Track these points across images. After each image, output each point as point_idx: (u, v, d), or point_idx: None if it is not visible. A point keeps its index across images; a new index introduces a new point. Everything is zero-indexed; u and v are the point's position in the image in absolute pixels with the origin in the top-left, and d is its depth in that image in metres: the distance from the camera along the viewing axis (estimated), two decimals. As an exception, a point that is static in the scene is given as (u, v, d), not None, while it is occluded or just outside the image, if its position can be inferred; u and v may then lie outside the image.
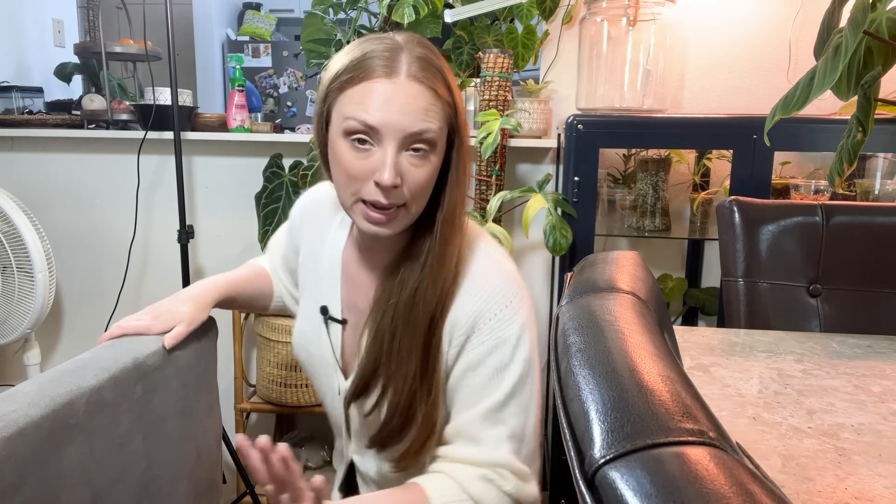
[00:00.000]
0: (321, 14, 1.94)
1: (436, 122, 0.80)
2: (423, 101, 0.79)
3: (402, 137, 0.78)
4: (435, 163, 0.82)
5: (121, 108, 2.17)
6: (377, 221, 0.81)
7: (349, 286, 0.96)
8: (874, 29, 0.90)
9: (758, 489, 0.25)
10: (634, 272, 0.55)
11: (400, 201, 0.81)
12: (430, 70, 0.81)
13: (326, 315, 0.96)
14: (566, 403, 0.36)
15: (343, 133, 0.80)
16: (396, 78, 0.79)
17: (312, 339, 0.99)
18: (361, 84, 0.79)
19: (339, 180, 0.84)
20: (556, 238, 1.63)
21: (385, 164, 0.78)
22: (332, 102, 0.82)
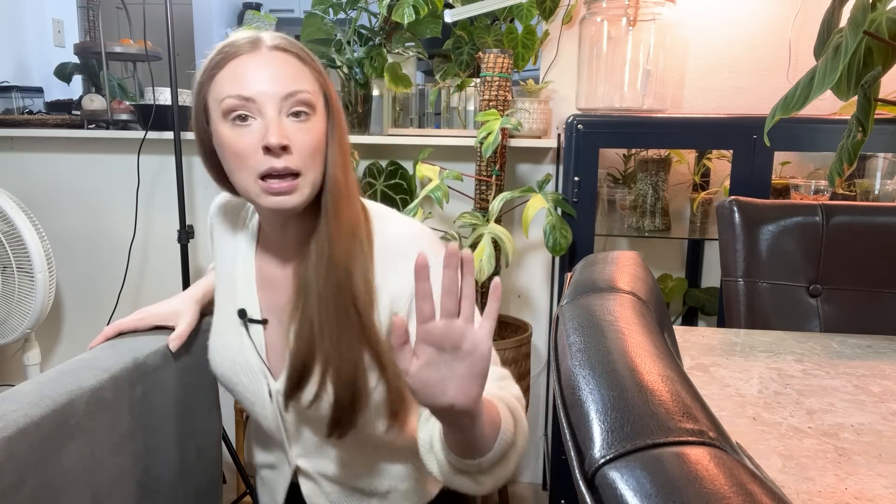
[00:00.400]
0: (321, 14, 1.94)
1: (308, 84, 0.82)
2: (291, 66, 0.82)
3: (278, 101, 0.80)
4: (318, 126, 0.83)
5: (121, 108, 2.17)
6: (279, 191, 0.80)
7: (266, 287, 0.94)
8: (874, 29, 0.90)
9: (758, 489, 0.25)
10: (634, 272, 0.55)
11: (293, 166, 0.80)
12: (290, 43, 0.84)
13: (245, 318, 0.93)
14: (566, 403, 0.36)
15: (222, 115, 0.81)
16: (259, 51, 0.81)
17: (233, 347, 0.94)
18: (228, 65, 0.81)
19: (232, 167, 0.83)
20: (556, 238, 1.63)
21: (268, 127, 0.78)
22: (206, 93, 0.83)
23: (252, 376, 0.93)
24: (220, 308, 0.98)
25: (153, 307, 1.04)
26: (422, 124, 2.04)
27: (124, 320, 1.01)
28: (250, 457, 1.09)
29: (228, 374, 0.96)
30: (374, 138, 1.97)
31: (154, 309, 1.03)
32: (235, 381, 0.95)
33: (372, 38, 1.93)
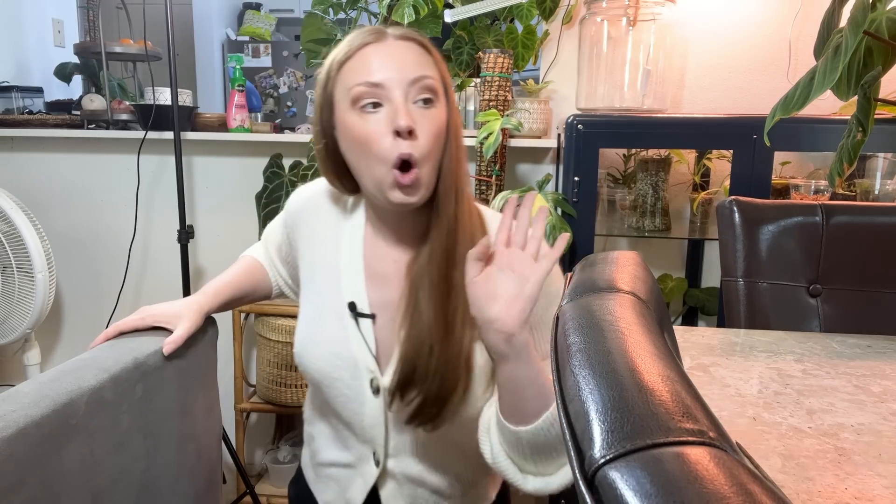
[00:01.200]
0: (321, 14, 1.94)
1: (432, 72, 0.85)
2: (415, 53, 0.85)
3: (405, 86, 0.82)
4: (441, 113, 0.85)
5: (121, 108, 2.17)
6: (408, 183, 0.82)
7: (375, 281, 0.94)
8: (874, 29, 0.90)
9: (758, 489, 0.25)
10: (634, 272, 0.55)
11: (417, 153, 0.81)
12: (414, 33, 0.87)
13: (355, 311, 0.92)
14: (566, 403, 0.36)
15: (351, 104, 0.83)
16: (386, 39, 0.85)
17: (336, 341, 0.92)
18: (356, 55, 0.84)
19: (358, 157, 0.85)
20: (556, 238, 1.63)
21: (398, 110, 0.81)
22: (333, 86, 0.86)
23: (356, 371, 0.92)
24: (315, 300, 0.96)
25: (154, 307, 1.04)
26: (422, 124, 2.04)
27: (124, 321, 1.01)
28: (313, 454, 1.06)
29: (327, 368, 0.93)
30: (374, 138, 1.97)
31: (154, 309, 1.03)
32: (335, 377, 0.93)
33: (372, 38, 1.93)
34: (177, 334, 0.99)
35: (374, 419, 0.94)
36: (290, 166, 1.94)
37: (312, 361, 0.95)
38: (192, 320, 1.02)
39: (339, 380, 0.93)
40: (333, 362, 0.93)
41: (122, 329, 1.00)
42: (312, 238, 1.00)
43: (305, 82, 4.38)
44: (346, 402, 0.94)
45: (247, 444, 2.23)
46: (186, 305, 1.04)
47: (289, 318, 1.90)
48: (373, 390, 0.92)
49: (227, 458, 1.90)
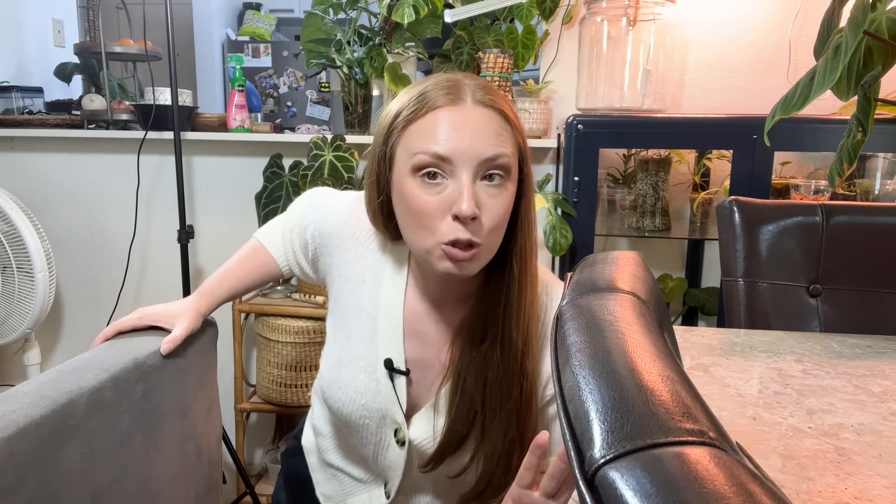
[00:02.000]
0: (321, 14, 1.94)
1: (509, 147, 0.77)
2: (494, 124, 0.76)
3: (476, 164, 0.74)
4: (511, 192, 0.78)
5: (121, 108, 2.17)
6: (459, 259, 0.75)
7: (413, 338, 0.90)
8: (874, 29, 0.90)
9: (758, 489, 0.25)
10: (634, 272, 0.55)
11: (478, 238, 0.75)
12: (495, 94, 0.78)
13: (391, 369, 0.88)
14: (566, 403, 0.36)
15: (412, 170, 0.76)
16: (463, 104, 0.76)
17: (367, 392, 0.90)
18: (427, 116, 0.76)
19: (410, 225, 0.79)
20: (556, 238, 1.63)
21: (463, 195, 0.73)
22: (396, 142, 0.79)
23: (382, 422, 0.90)
24: (346, 343, 0.92)
25: (152, 307, 1.04)
26: (422, 124, 2.04)
27: (122, 320, 1.01)
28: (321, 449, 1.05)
29: (353, 416, 0.91)
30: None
31: (152, 309, 1.03)
32: (360, 424, 0.91)
33: (372, 38, 1.93)
34: (175, 334, 0.99)
35: (394, 463, 0.93)
36: (290, 166, 1.94)
37: (339, 406, 0.92)
38: (190, 320, 1.02)
39: (364, 427, 0.92)
40: (360, 412, 0.90)
41: (120, 328, 1.00)
42: (348, 273, 0.93)
43: (305, 82, 4.38)
44: (367, 444, 0.94)
45: (247, 444, 2.23)
46: (184, 305, 1.04)
47: (289, 318, 1.90)
48: (398, 441, 0.91)
49: (227, 458, 1.90)
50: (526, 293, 0.82)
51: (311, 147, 1.84)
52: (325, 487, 1.06)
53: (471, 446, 0.84)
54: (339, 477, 1.04)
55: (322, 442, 1.06)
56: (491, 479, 0.84)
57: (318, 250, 0.98)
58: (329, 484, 1.06)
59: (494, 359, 0.82)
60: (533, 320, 0.83)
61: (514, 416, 0.82)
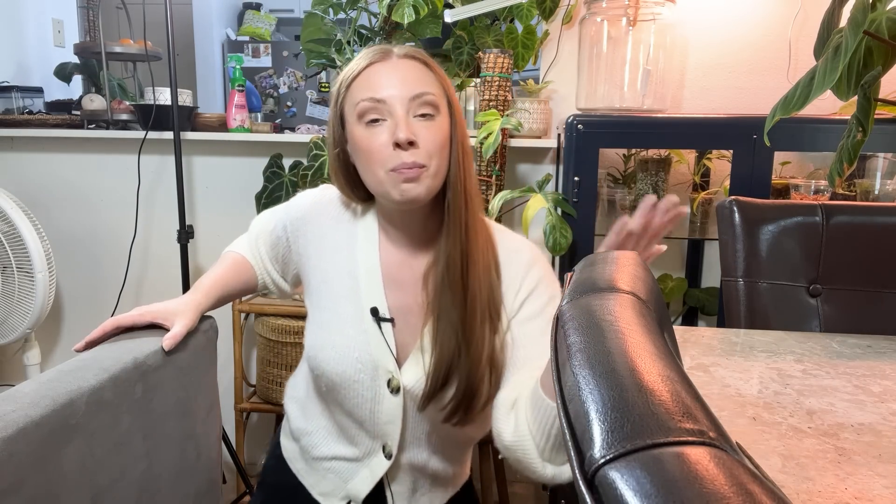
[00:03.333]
0: (321, 14, 1.94)
1: (433, 87, 0.91)
2: (417, 70, 0.92)
3: (407, 101, 0.89)
4: (442, 125, 0.91)
5: (121, 108, 2.17)
6: (408, 178, 0.88)
7: (392, 287, 0.99)
8: (874, 29, 0.90)
9: (758, 489, 0.25)
10: (634, 272, 0.55)
11: (421, 160, 0.88)
12: (418, 52, 0.94)
13: (377, 316, 0.97)
14: (566, 403, 0.36)
15: (357, 118, 0.91)
16: (390, 59, 0.92)
17: (357, 345, 0.97)
18: (362, 73, 0.91)
19: (364, 165, 0.92)
20: (556, 238, 1.63)
21: (398, 125, 0.88)
22: (344, 101, 0.93)
23: (373, 372, 0.97)
24: (330, 305, 1.00)
25: (153, 305, 1.04)
26: (422, 124, 2.04)
27: (122, 316, 1.01)
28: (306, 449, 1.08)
29: (347, 371, 0.97)
30: (374, 138, 1.97)
31: (153, 307, 1.03)
32: (353, 379, 0.97)
33: (372, 38, 1.93)
34: (176, 331, 0.99)
35: (390, 416, 0.98)
36: (290, 166, 1.94)
37: (332, 365, 0.97)
38: (190, 317, 1.02)
39: (358, 382, 0.97)
40: (354, 365, 0.97)
41: (120, 324, 1.00)
42: (323, 244, 1.02)
43: (305, 82, 4.38)
44: (363, 402, 0.98)
45: (247, 444, 2.23)
46: (183, 303, 1.05)
47: (289, 318, 1.90)
48: (391, 390, 0.97)
49: (227, 458, 1.90)
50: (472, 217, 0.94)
51: (311, 147, 1.84)
52: (322, 487, 1.08)
53: (455, 377, 0.92)
54: (334, 467, 1.06)
55: (307, 440, 1.08)
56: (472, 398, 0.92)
57: (291, 239, 1.06)
58: (325, 480, 1.07)
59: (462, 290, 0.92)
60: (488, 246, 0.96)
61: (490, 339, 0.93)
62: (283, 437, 1.15)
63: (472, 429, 1.01)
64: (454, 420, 0.95)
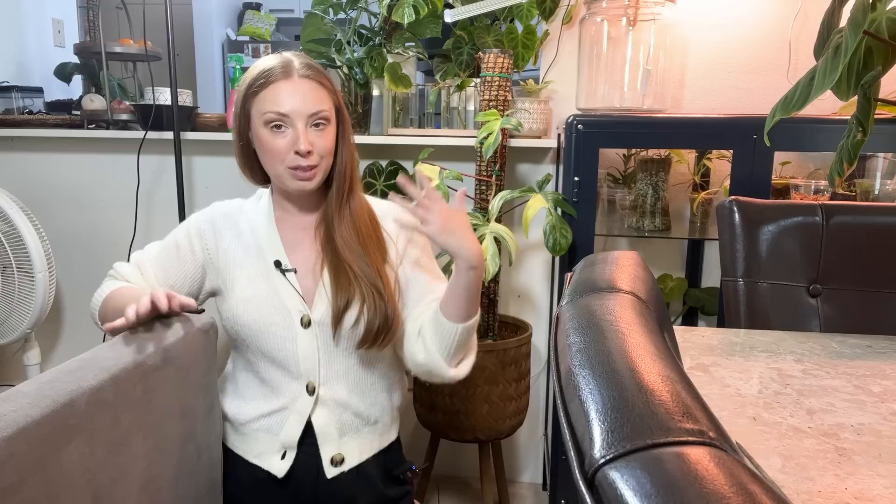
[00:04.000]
0: (321, 14, 1.94)
1: (327, 104, 1.13)
2: (314, 90, 1.12)
3: (306, 117, 1.10)
4: (331, 132, 1.15)
5: (121, 108, 2.17)
6: (304, 178, 1.12)
7: (289, 247, 1.19)
8: (874, 29, 0.90)
9: (758, 489, 0.25)
10: (634, 272, 0.55)
11: (314, 163, 1.12)
12: (314, 69, 1.14)
13: (280, 267, 1.17)
14: (566, 403, 0.36)
15: (264, 123, 1.11)
16: (292, 78, 1.11)
17: (267, 294, 1.15)
18: (269, 87, 1.11)
19: (268, 160, 1.14)
20: (556, 238, 1.63)
21: (300, 138, 1.10)
22: (250, 105, 1.13)
23: (286, 314, 1.15)
24: (242, 274, 1.18)
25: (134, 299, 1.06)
26: (422, 124, 2.04)
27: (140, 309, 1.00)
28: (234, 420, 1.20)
29: (263, 317, 1.14)
30: (375, 138, 1.97)
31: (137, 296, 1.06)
32: (269, 323, 1.14)
33: (372, 38, 1.93)
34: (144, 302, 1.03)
35: (307, 350, 1.15)
36: (290, 166, 1.94)
37: (248, 316, 1.15)
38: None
39: (273, 324, 1.14)
40: (268, 310, 1.15)
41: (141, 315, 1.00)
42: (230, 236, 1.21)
43: (305, 82, 4.37)
44: (281, 342, 1.15)
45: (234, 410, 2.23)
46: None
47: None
48: (303, 325, 1.15)
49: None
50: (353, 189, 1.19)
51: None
52: (256, 447, 1.18)
53: (354, 301, 1.13)
54: (264, 424, 1.18)
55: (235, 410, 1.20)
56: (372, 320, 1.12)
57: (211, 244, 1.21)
58: (257, 441, 1.18)
59: (346, 236, 1.15)
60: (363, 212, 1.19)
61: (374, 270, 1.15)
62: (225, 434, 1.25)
63: (382, 367, 1.22)
64: (365, 344, 1.13)
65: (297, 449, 1.17)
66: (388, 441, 1.25)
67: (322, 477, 1.17)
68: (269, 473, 1.17)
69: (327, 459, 1.17)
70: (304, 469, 1.17)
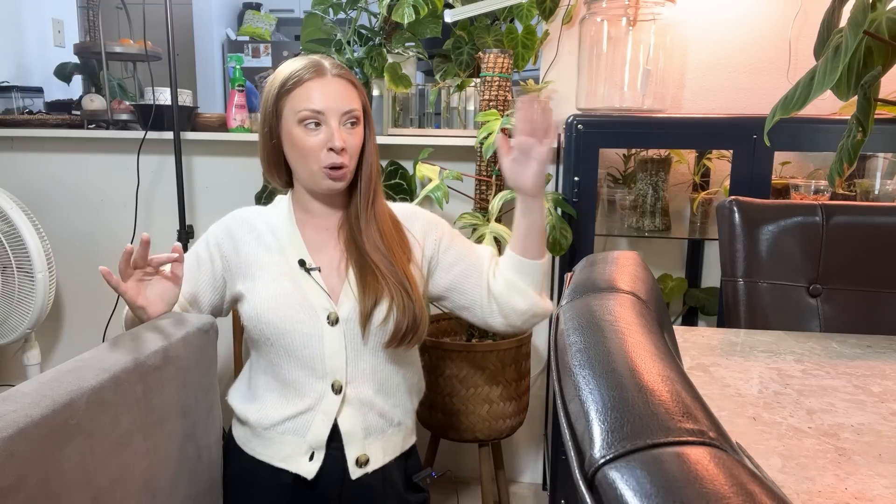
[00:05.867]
0: (321, 14, 1.94)
1: (358, 103, 1.15)
2: (347, 89, 1.14)
3: (339, 115, 1.12)
4: (361, 132, 1.16)
5: (121, 108, 2.17)
6: (336, 177, 1.13)
7: (312, 247, 1.20)
8: (874, 29, 0.90)
9: (758, 489, 0.25)
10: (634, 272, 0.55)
11: (346, 161, 1.13)
12: (345, 70, 1.17)
13: (305, 266, 1.17)
14: (566, 403, 0.36)
15: (297, 122, 1.12)
16: (326, 76, 1.13)
17: (292, 293, 1.15)
18: (303, 86, 1.12)
19: (299, 159, 1.14)
20: (556, 238, 1.63)
21: (334, 135, 1.11)
22: (283, 104, 1.13)
23: (311, 312, 1.14)
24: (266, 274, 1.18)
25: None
26: (422, 124, 2.04)
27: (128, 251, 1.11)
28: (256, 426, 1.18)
29: (289, 315, 1.13)
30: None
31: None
32: (295, 320, 1.13)
33: (372, 38, 1.93)
34: None
35: (333, 348, 1.14)
36: (290, 166, 1.94)
37: (275, 313, 1.14)
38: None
39: (300, 322, 1.13)
40: (294, 308, 1.14)
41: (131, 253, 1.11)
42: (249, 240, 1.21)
43: (305, 82, 4.37)
44: (308, 340, 1.14)
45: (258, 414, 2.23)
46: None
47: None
48: (330, 323, 1.14)
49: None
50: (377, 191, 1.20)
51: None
52: (282, 451, 1.16)
53: (383, 299, 1.13)
54: (290, 427, 1.16)
55: (257, 416, 1.18)
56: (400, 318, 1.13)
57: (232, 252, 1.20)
58: (283, 444, 1.16)
59: (371, 237, 1.17)
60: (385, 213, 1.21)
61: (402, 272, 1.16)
62: (234, 427, 1.24)
63: (405, 368, 1.22)
64: (394, 343, 1.14)
65: (324, 450, 1.15)
66: (409, 444, 1.26)
67: (347, 479, 1.16)
68: (296, 477, 1.15)
69: (352, 460, 1.16)
70: (331, 470, 1.16)
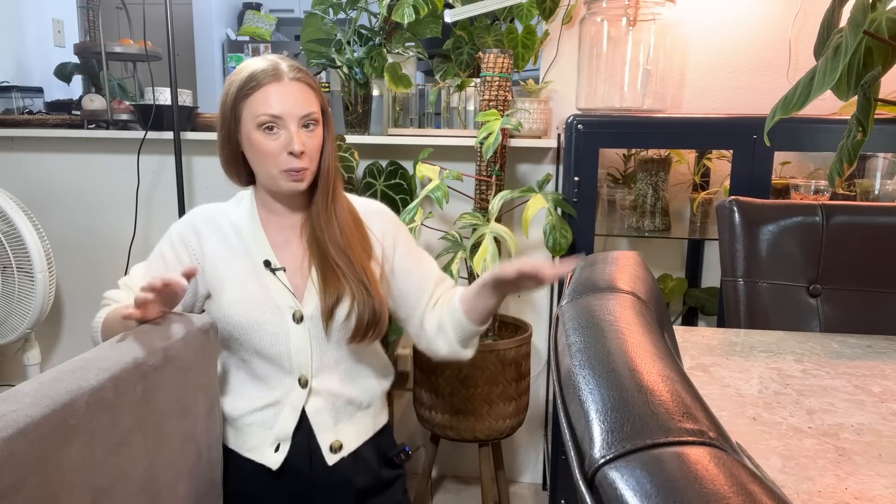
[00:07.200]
0: (321, 14, 1.94)
1: (316, 105, 1.16)
2: (304, 93, 1.14)
3: (298, 119, 1.12)
4: (320, 133, 1.17)
5: (121, 108, 2.17)
6: (297, 179, 1.14)
7: (276, 246, 1.21)
8: (874, 29, 0.90)
9: (758, 489, 0.25)
10: (634, 272, 0.55)
11: (305, 164, 1.14)
12: (302, 71, 1.16)
13: (270, 266, 1.18)
14: (566, 403, 0.36)
15: (256, 126, 1.12)
16: (283, 80, 1.12)
17: (257, 292, 1.17)
18: (261, 90, 1.11)
19: (259, 162, 1.15)
20: (556, 238, 1.63)
21: (293, 139, 1.11)
22: (241, 107, 1.13)
23: (277, 311, 1.17)
24: (232, 275, 1.19)
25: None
26: (422, 124, 2.04)
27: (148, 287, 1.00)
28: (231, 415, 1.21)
29: (255, 315, 1.16)
30: (374, 138, 1.97)
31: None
32: (261, 321, 1.16)
33: (372, 38, 1.93)
34: None
35: (299, 345, 1.17)
36: (290, 166, 1.94)
37: (240, 315, 1.16)
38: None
39: (266, 322, 1.16)
40: (260, 309, 1.16)
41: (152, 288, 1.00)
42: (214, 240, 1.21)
43: (305, 82, 4.37)
44: (274, 338, 1.17)
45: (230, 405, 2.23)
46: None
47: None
48: (295, 321, 1.17)
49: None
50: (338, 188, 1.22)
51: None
52: (249, 441, 1.19)
53: (344, 297, 1.16)
54: (257, 419, 1.20)
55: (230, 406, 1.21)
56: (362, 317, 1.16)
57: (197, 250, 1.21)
58: (251, 434, 1.20)
59: (332, 235, 1.18)
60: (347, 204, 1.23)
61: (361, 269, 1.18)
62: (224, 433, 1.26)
63: (370, 356, 1.27)
64: (356, 338, 1.17)
65: (290, 442, 1.18)
66: (380, 424, 1.29)
67: (317, 465, 1.19)
68: (263, 466, 1.19)
69: (326, 447, 1.19)
70: (299, 459, 1.19)
